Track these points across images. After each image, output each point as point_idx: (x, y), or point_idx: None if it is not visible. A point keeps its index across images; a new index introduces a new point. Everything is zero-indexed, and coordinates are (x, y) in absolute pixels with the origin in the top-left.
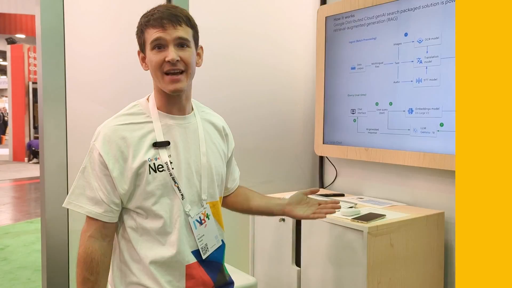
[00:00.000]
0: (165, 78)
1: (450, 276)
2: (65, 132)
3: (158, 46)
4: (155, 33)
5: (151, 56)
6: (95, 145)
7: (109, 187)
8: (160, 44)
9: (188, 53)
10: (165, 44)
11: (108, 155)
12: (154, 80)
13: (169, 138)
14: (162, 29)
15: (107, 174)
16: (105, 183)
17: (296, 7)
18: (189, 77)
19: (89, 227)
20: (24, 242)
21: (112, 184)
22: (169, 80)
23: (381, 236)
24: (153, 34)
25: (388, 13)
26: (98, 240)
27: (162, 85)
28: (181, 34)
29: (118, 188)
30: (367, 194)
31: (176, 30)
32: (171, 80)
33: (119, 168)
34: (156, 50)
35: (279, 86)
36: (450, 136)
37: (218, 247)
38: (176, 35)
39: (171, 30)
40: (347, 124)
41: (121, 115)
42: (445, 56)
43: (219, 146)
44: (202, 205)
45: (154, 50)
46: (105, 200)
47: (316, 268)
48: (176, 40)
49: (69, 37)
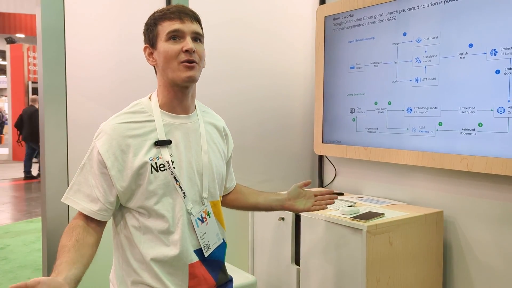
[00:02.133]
0: (180, 66)
1: (449, 275)
2: (66, 131)
3: (175, 37)
4: (173, 24)
5: (166, 47)
6: (95, 143)
7: (106, 186)
8: (177, 35)
9: (202, 48)
10: (182, 35)
11: (108, 153)
12: (165, 73)
13: (170, 137)
14: (180, 21)
15: (105, 172)
16: (102, 182)
17: (295, 7)
18: (200, 70)
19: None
20: (24, 241)
21: (109, 182)
22: (184, 67)
23: (380, 234)
24: (170, 26)
25: (387, 12)
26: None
27: (176, 74)
28: (197, 29)
29: (116, 186)
30: (366, 193)
31: (193, 24)
32: (187, 66)
33: (118, 166)
34: (172, 40)
35: (278, 85)
36: (448, 135)
37: (220, 245)
38: (194, 28)
39: (188, 23)
40: (346, 123)
41: (123, 114)
42: (443, 55)
43: (220, 146)
44: (203, 203)
45: (170, 41)
46: (101, 199)
47: (316, 266)
48: (193, 33)
49: (70, 36)
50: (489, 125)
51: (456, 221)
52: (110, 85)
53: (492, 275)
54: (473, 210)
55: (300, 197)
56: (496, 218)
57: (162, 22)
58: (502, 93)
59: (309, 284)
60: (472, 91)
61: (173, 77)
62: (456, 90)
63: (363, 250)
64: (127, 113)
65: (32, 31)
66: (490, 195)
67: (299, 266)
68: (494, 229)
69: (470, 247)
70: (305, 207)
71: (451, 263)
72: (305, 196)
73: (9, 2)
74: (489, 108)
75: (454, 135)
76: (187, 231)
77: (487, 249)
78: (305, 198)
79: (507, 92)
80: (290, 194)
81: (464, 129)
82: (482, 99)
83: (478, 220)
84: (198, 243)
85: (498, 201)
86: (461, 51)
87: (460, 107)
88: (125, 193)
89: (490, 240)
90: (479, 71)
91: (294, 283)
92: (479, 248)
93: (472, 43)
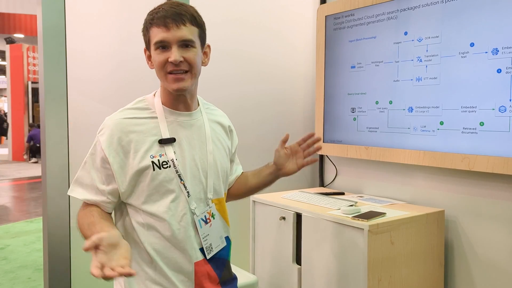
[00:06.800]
0: (168, 77)
1: (450, 274)
2: (67, 130)
3: (162, 46)
4: (158, 33)
5: (155, 56)
6: (98, 137)
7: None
8: (164, 45)
9: (192, 53)
10: (168, 45)
11: (110, 148)
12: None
13: (174, 135)
14: (165, 28)
15: (107, 167)
16: (104, 176)
17: (295, 6)
18: (193, 77)
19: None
20: (24, 241)
21: (112, 177)
22: (172, 79)
23: (381, 234)
24: (156, 34)
25: (388, 12)
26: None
27: (166, 85)
28: (184, 34)
29: (117, 181)
30: (367, 193)
31: (180, 30)
32: (175, 79)
33: (119, 162)
34: (159, 50)
35: (279, 85)
36: (450, 134)
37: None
38: (180, 35)
39: (174, 30)
40: (347, 122)
41: (127, 109)
42: (445, 54)
43: (224, 143)
44: (207, 204)
45: (158, 50)
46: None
47: (317, 266)
48: (179, 41)
49: (70, 35)
50: (490, 124)
51: (457, 220)
52: (111, 85)
53: (493, 274)
54: (475, 210)
55: (288, 159)
56: (498, 218)
57: (151, 27)
58: (503, 92)
59: (310, 283)
60: (473, 90)
61: (165, 86)
62: (457, 89)
63: (365, 249)
64: (131, 109)
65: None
66: (491, 195)
67: (300, 265)
68: (496, 229)
69: (472, 246)
70: (299, 164)
71: (452, 262)
72: (291, 154)
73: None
74: (491, 107)
75: (455, 134)
76: (192, 230)
77: (488, 248)
78: (292, 156)
79: (508, 91)
80: (278, 163)
81: (465, 128)
82: (484, 98)
83: (480, 220)
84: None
85: (499, 200)
86: (463, 50)
87: (462, 106)
88: (125, 189)
89: (491, 239)
90: (480, 70)
91: (295, 283)
92: (480, 248)
93: (473, 42)
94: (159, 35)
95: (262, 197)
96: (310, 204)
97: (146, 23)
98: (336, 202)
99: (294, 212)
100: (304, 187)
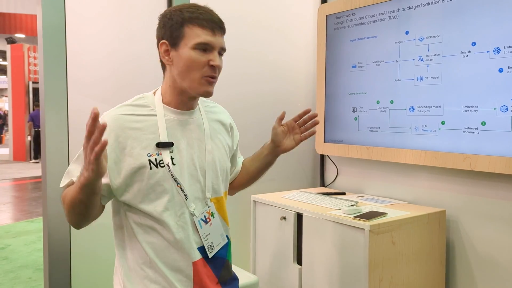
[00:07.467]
0: (202, 80)
1: (452, 274)
2: (67, 130)
3: (204, 49)
4: (203, 34)
5: (192, 55)
6: None
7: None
8: (206, 47)
9: (222, 62)
10: (211, 48)
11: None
12: (181, 79)
13: (172, 135)
14: (212, 32)
15: None
16: None
17: (296, 6)
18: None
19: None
20: (24, 241)
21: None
22: (206, 81)
23: (382, 234)
24: (202, 36)
25: (389, 11)
26: None
27: (194, 85)
28: (223, 43)
29: (110, 177)
30: (369, 193)
31: (222, 38)
32: (209, 81)
33: (114, 158)
34: (200, 51)
35: (280, 84)
36: (451, 134)
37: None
38: (222, 43)
39: (218, 36)
40: (348, 122)
41: (126, 105)
42: (446, 54)
43: (224, 141)
44: (206, 204)
45: (198, 51)
46: None
47: (318, 266)
48: (220, 48)
49: (70, 35)
50: (492, 124)
51: (458, 220)
52: (111, 85)
53: (495, 274)
54: (476, 210)
55: (285, 136)
56: (499, 217)
57: (191, 25)
58: (505, 91)
59: (311, 283)
60: (475, 89)
61: (189, 87)
62: (459, 89)
63: (366, 249)
64: (129, 105)
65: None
66: (493, 194)
67: (301, 265)
68: (497, 229)
69: (473, 246)
70: (296, 140)
71: (454, 262)
72: (289, 130)
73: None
74: (492, 106)
75: (457, 134)
76: (190, 230)
77: (490, 248)
78: (289, 132)
79: (510, 90)
80: (275, 141)
81: (467, 128)
82: (485, 98)
83: (481, 220)
84: (201, 241)
85: (501, 200)
86: (464, 49)
87: (463, 105)
88: (118, 185)
89: (493, 239)
90: (482, 70)
91: (296, 283)
92: (482, 248)
93: (475, 42)
94: (204, 36)
95: (262, 197)
96: (311, 204)
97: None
98: (337, 202)
99: (295, 212)
100: (305, 187)
